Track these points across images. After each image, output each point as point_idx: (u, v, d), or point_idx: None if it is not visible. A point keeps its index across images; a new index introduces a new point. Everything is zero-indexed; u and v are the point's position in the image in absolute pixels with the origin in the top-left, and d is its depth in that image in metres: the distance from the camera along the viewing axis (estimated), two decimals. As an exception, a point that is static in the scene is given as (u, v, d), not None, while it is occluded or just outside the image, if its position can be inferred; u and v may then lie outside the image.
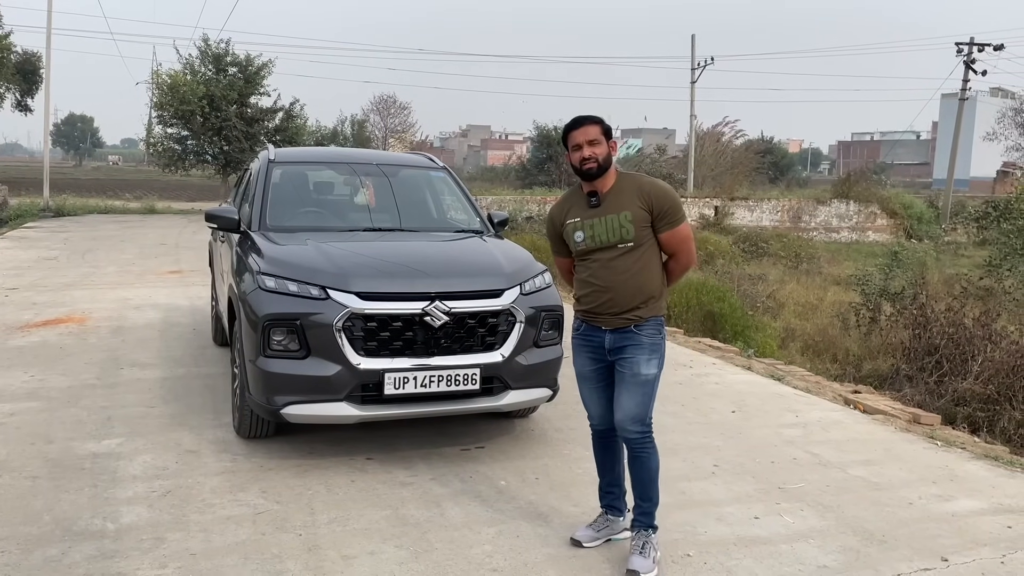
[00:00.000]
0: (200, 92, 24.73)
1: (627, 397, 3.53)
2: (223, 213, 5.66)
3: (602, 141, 3.51)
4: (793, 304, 13.95)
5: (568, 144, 3.57)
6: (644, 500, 3.62)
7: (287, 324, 4.39)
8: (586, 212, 3.56)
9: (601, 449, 3.79)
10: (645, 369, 3.52)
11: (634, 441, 3.55)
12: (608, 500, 3.82)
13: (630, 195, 3.51)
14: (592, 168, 3.49)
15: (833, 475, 4.75)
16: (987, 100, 62.21)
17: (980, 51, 36.19)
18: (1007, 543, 3.94)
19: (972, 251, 23.65)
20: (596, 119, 3.56)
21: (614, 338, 3.56)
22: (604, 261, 3.52)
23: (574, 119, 3.57)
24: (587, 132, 3.51)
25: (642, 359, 3.52)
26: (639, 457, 3.58)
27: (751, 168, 41.77)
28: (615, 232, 3.49)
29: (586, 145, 3.49)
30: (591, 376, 3.68)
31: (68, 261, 13.22)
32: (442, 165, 6.55)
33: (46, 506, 3.99)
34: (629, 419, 3.52)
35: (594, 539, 3.74)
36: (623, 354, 3.55)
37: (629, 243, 3.49)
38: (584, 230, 3.55)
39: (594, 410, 3.74)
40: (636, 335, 3.53)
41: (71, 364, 6.67)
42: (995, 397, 7.49)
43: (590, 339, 3.63)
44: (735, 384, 6.79)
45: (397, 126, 57.37)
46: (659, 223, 3.51)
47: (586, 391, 3.73)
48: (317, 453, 4.76)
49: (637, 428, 3.53)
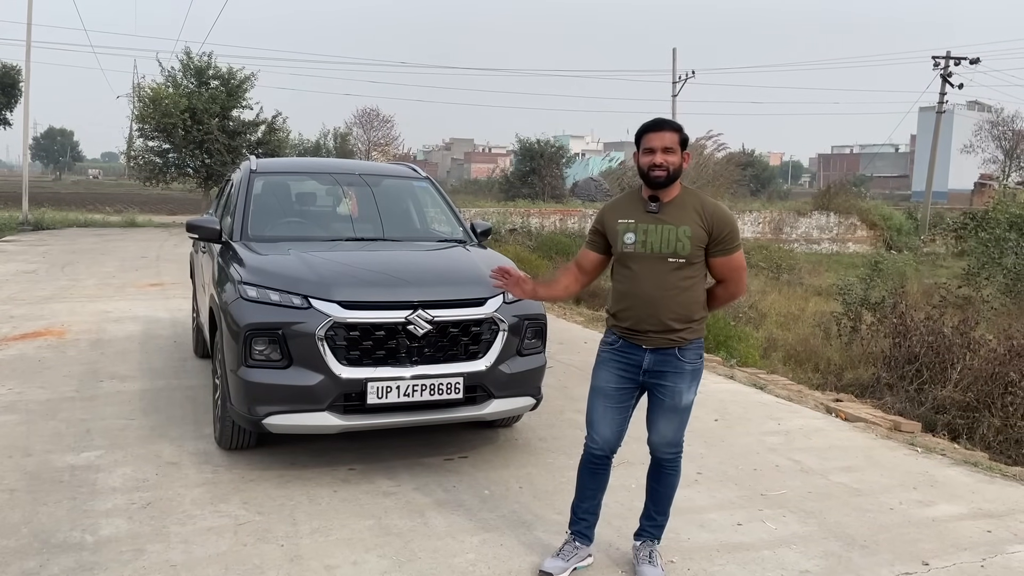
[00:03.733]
0: (182, 105, 24.63)
1: (665, 423, 3.45)
2: (205, 223, 5.64)
3: (677, 150, 3.32)
4: (775, 314, 14.02)
5: (640, 145, 3.37)
6: (661, 514, 3.61)
7: (269, 333, 4.37)
8: (642, 216, 3.37)
9: (591, 474, 3.58)
10: (687, 398, 3.42)
11: (667, 461, 3.53)
12: (581, 527, 3.64)
13: (691, 211, 3.35)
14: (661, 177, 3.31)
15: (815, 481, 4.77)
16: (964, 113, 63.11)
17: (956, 64, 36.74)
18: (987, 547, 3.98)
19: (951, 261, 23.89)
20: (676, 126, 3.36)
21: (654, 359, 3.39)
22: (652, 273, 3.34)
23: (654, 120, 3.36)
24: (664, 138, 3.31)
25: (683, 387, 3.40)
26: (669, 475, 3.56)
27: (733, 180, 42.01)
28: (669, 244, 3.32)
29: (660, 152, 3.30)
30: (614, 394, 3.47)
31: (47, 274, 13.09)
32: (425, 175, 6.56)
33: (24, 519, 3.94)
34: (666, 443, 3.49)
35: (564, 570, 3.53)
36: (663, 380, 3.40)
37: (682, 259, 3.32)
38: (636, 233, 3.36)
39: (603, 432, 3.49)
40: (679, 361, 3.38)
41: (50, 377, 6.59)
42: (974, 404, 7.54)
43: (627, 356, 3.43)
44: (718, 393, 6.81)
45: (380, 139, 57.36)
46: (715, 247, 3.37)
47: (600, 409, 3.49)
48: (299, 463, 4.73)
49: (672, 450, 3.52)
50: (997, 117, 56.97)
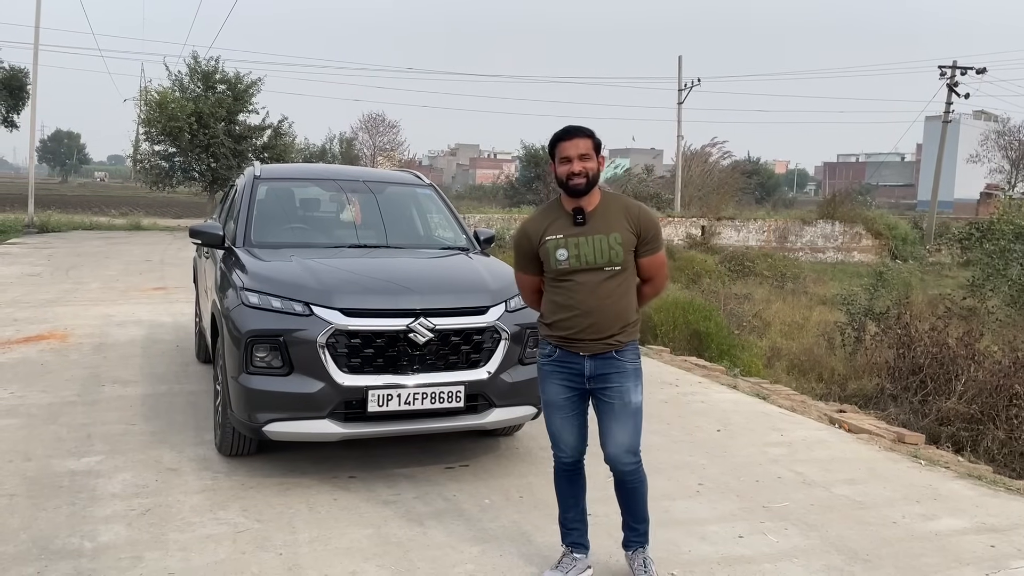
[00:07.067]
0: (188, 109, 24.68)
1: (619, 428, 3.37)
2: (207, 229, 5.64)
3: (592, 156, 3.31)
4: (779, 323, 13.99)
5: (555, 156, 3.35)
6: (639, 522, 3.54)
7: (270, 340, 4.36)
8: (570, 230, 3.34)
9: (568, 482, 3.59)
10: (634, 396, 3.39)
11: (628, 473, 3.43)
12: (573, 537, 3.61)
13: (617, 216, 3.35)
14: (580, 184, 3.29)
15: (817, 494, 4.74)
16: (970, 123, 63.00)
17: (963, 74, 36.64)
18: (990, 562, 3.94)
19: (956, 272, 23.81)
20: (587, 131, 3.35)
21: (595, 365, 3.37)
22: (589, 284, 3.32)
23: (564, 129, 3.35)
24: (578, 145, 3.30)
25: (630, 386, 3.38)
26: (633, 487, 3.48)
27: (738, 188, 42.08)
28: (603, 254, 3.30)
29: (577, 159, 3.28)
30: (565, 405, 3.46)
31: (51, 277, 13.11)
32: (428, 182, 6.56)
33: (23, 524, 3.93)
34: (624, 451, 3.39)
35: None
36: (608, 382, 3.38)
37: (617, 266, 3.32)
38: (568, 248, 3.32)
39: (567, 441, 3.51)
40: (619, 361, 3.38)
41: (52, 381, 6.60)
42: (978, 417, 7.52)
43: (567, 366, 3.42)
44: (720, 403, 6.79)
45: (385, 144, 57.41)
46: (643, 247, 3.39)
47: (558, 421, 3.50)
48: (299, 471, 4.72)
49: (631, 459, 3.41)
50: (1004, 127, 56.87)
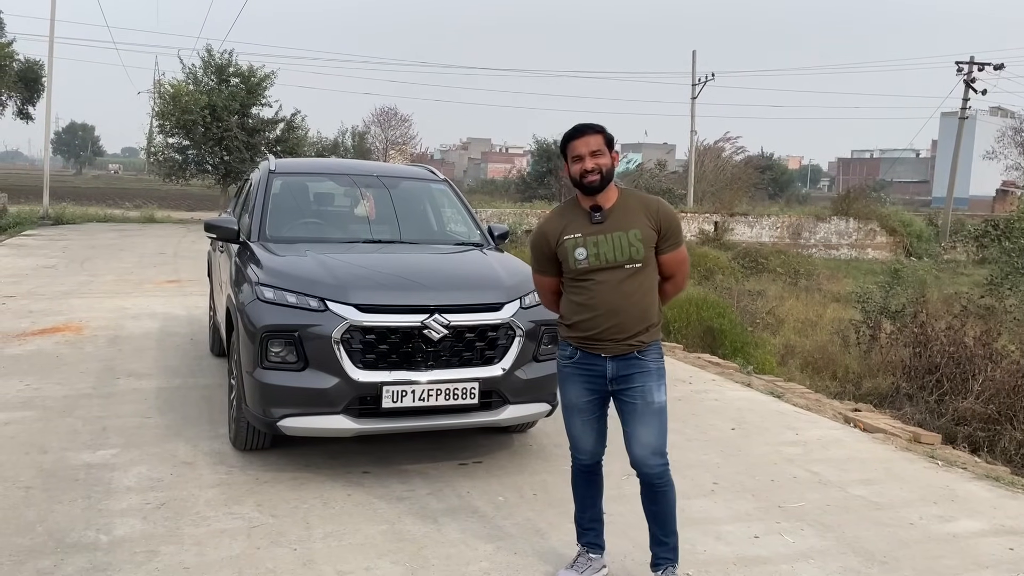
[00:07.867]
0: (202, 102, 24.76)
1: (644, 429, 3.30)
2: (222, 223, 5.64)
3: (605, 152, 3.26)
4: (792, 321, 13.91)
5: (568, 155, 3.31)
6: (667, 536, 3.41)
7: (285, 336, 4.36)
8: (588, 228, 3.29)
9: (585, 484, 3.56)
10: (658, 395, 3.31)
11: (656, 476, 3.33)
12: (590, 537, 3.58)
13: (636, 212, 3.29)
14: (595, 181, 3.24)
15: (833, 494, 4.71)
16: (987, 119, 62.46)
17: (980, 70, 36.30)
18: (1009, 565, 3.90)
19: (971, 270, 23.64)
20: (598, 128, 3.30)
21: (618, 366, 3.31)
22: (610, 283, 3.26)
23: (574, 128, 3.30)
24: (589, 142, 3.25)
25: (653, 386, 3.31)
26: (663, 492, 3.36)
27: (751, 184, 41.89)
28: (624, 251, 3.25)
29: (588, 156, 3.23)
30: (586, 408, 3.41)
31: (66, 269, 13.19)
32: (442, 177, 6.54)
33: (39, 517, 3.94)
34: (651, 452, 3.32)
35: None
36: (631, 383, 3.31)
37: (638, 263, 3.26)
38: (587, 247, 3.27)
39: (586, 444, 3.47)
40: (642, 361, 3.31)
41: (67, 373, 6.63)
42: (996, 417, 7.45)
43: (588, 367, 3.35)
44: (735, 401, 6.75)
45: (398, 138, 57.51)
46: (664, 243, 3.32)
47: (579, 424, 3.45)
48: (314, 466, 4.72)
49: (659, 461, 3.33)
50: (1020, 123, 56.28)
